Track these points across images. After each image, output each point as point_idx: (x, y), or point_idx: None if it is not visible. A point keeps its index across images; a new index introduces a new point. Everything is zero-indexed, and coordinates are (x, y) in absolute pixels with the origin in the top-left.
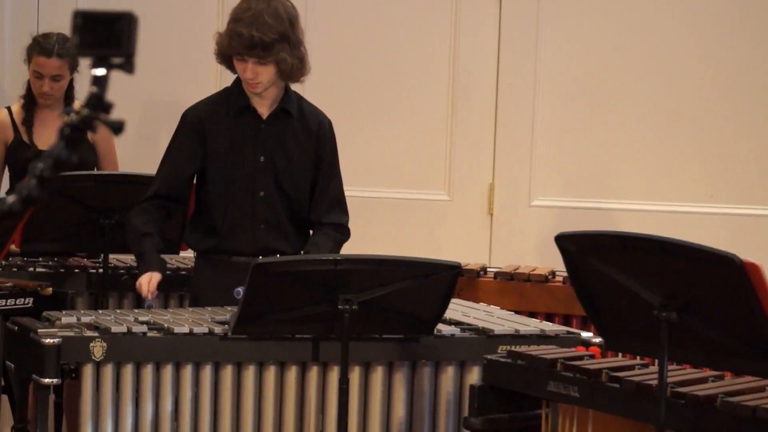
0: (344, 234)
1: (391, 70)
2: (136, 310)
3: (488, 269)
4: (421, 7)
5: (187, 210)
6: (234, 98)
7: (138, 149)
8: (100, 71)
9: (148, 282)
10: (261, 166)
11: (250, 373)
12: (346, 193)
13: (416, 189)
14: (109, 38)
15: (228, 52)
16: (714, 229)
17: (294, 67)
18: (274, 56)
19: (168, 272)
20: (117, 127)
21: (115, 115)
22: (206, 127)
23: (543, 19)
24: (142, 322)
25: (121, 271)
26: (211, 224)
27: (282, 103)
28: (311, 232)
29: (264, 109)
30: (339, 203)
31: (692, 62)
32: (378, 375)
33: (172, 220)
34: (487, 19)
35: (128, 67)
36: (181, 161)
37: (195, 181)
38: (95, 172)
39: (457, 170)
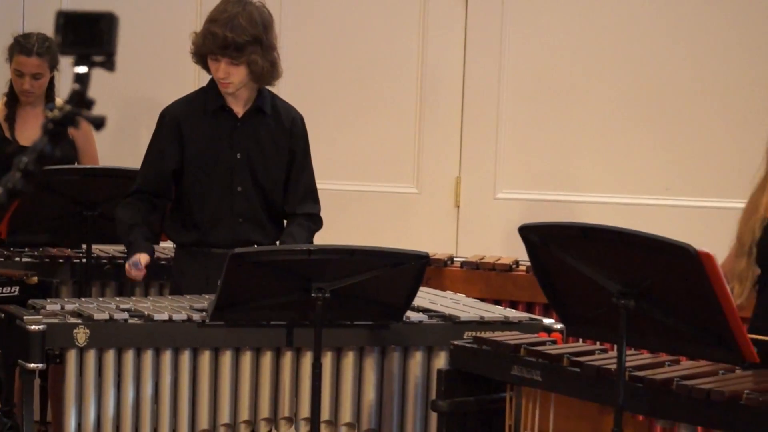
0: (317, 223)
1: (362, 70)
2: (117, 298)
3: (455, 259)
4: (390, 9)
5: (170, 203)
6: (210, 98)
7: (118, 144)
8: (82, 69)
9: (139, 259)
10: (238, 163)
11: (226, 359)
12: (320, 186)
13: (386, 182)
14: (90, 37)
15: (203, 51)
16: (670, 221)
17: (265, 70)
18: (246, 57)
19: None
20: (98, 123)
21: (96, 111)
22: (183, 126)
23: (507, 20)
24: (124, 310)
25: (104, 261)
26: (191, 218)
27: (256, 102)
28: (285, 222)
29: (239, 108)
30: (311, 194)
31: (649, 62)
32: (349, 360)
33: (156, 212)
34: (453, 20)
35: (109, 65)
36: (160, 159)
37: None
38: (79, 166)
39: (426, 164)
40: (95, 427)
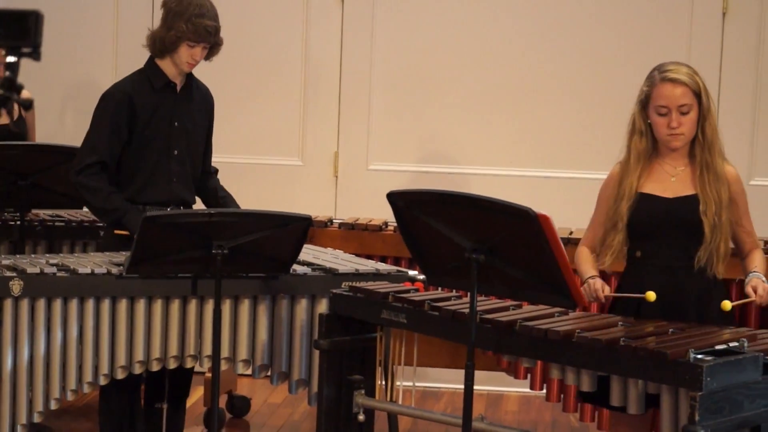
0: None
1: (254, 60)
2: (47, 255)
3: (334, 221)
4: (277, 7)
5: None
6: (154, 77)
7: (45, 124)
8: (12, 59)
9: None
10: (175, 130)
11: (141, 306)
12: (219, 160)
13: (275, 156)
14: (19, 32)
15: (191, 39)
16: (516, 188)
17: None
18: (220, 40)
19: (73, 224)
20: (26, 105)
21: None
22: (135, 100)
23: (377, 16)
24: (53, 265)
25: (36, 224)
26: (132, 180)
27: (188, 79)
28: (203, 180)
29: (178, 84)
30: None
31: (501, 56)
32: (245, 306)
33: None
34: (331, 16)
35: (36, 55)
36: (118, 132)
37: None
38: (12, 142)
39: (308, 140)
40: (29, 365)
